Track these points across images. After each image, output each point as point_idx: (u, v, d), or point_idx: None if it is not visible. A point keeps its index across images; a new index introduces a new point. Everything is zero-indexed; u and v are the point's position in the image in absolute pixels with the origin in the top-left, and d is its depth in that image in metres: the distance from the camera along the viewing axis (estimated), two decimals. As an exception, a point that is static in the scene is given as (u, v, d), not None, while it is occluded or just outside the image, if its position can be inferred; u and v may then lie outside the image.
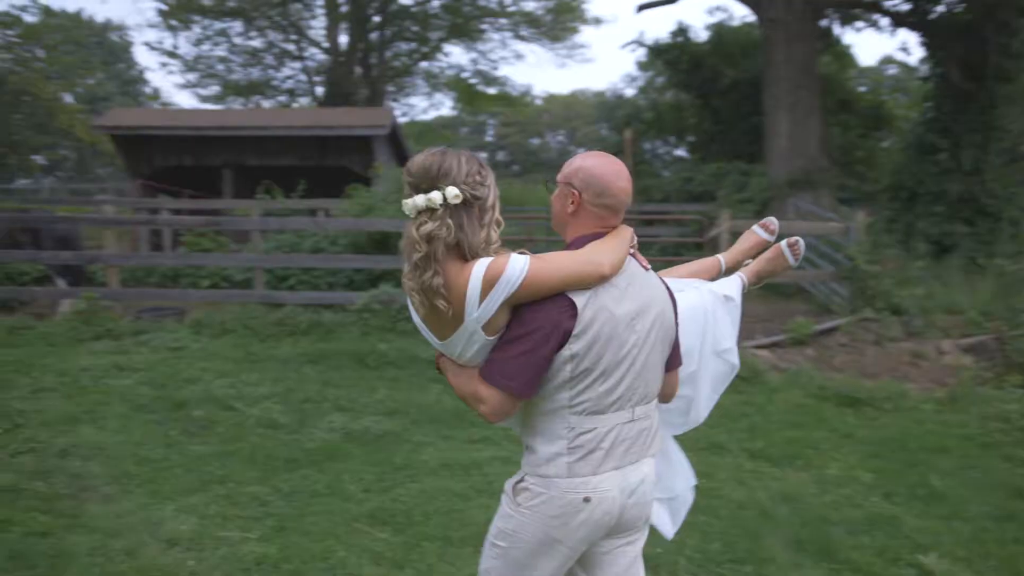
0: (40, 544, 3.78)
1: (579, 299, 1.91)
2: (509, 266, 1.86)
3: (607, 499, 1.98)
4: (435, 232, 1.88)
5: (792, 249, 2.75)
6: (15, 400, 6.48)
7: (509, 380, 1.89)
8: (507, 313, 1.92)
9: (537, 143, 59.88)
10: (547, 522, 1.97)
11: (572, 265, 1.91)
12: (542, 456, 1.99)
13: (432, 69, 34.06)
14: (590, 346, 1.92)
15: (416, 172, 1.94)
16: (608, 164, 2.07)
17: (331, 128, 16.34)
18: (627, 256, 2.03)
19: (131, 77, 55.71)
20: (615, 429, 1.99)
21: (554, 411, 1.97)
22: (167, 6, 26.88)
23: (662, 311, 2.08)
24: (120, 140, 16.84)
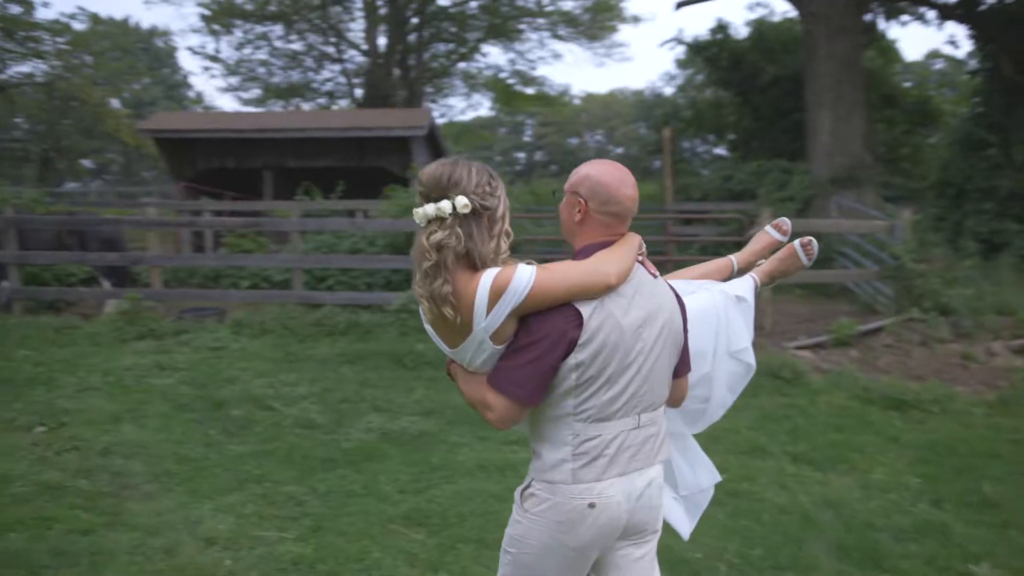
0: (82, 541, 3.83)
1: (585, 309, 1.92)
2: (516, 277, 1.88)
3: (612, 505, 1.99)
4: (444, 241, 1.90)
5: (805, 249, 2.73)
6: (61, 399, 6.60)
7: (516, 388, 1.91)
8: (515, 323, 1.93)
9: (575, 143, 59.70)
10: (553, 527, 1.98)
11: (578, 276, 1.93)
12: (547, 462, 2.00)
13: (470, 70, 34.14)
14: (596, 355, 1.93)
15: (427, 181, 1.96)
16: (614, 172, 2.08)
17: (369, 129, 16.45)
18: (634, 264, 2.03)
19: (176, 82, 56.78)
20: (620, 436, 2.00)
21: (559, 417, 1.98)
22: (210, 11, 27.32)
23: (670, 318, 2.08)
24: (164, 143, 17.14)
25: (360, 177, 17.77)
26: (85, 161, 43.35)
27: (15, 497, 4.45)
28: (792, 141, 17.44)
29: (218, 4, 27.14)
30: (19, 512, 4.18)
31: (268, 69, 30.64)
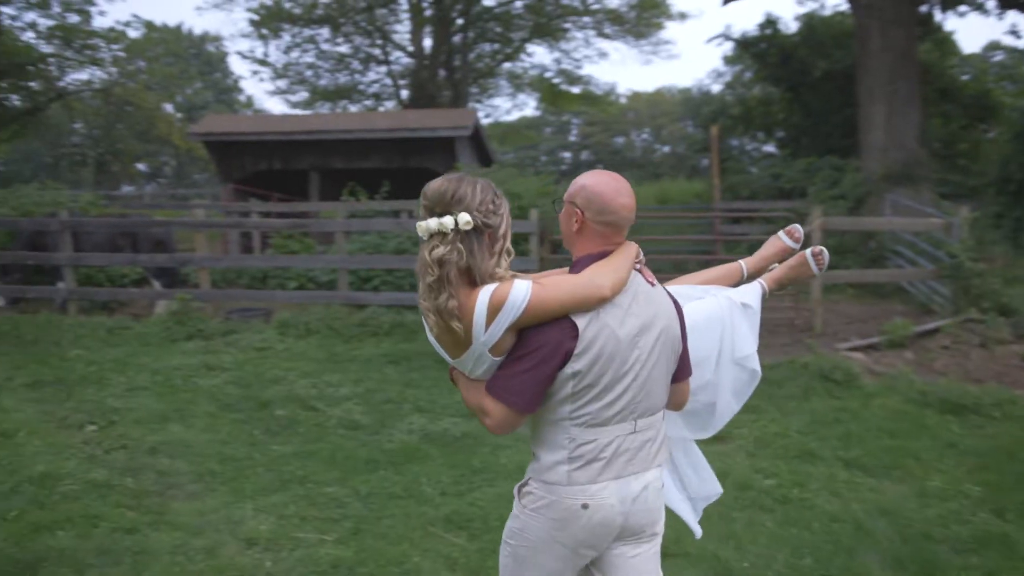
0: (126, 540, 3.87)
1: (580, 320, 1.96)
2: (512, 293, 1.91)
3: (605, 507, 2.03)
4: (446, 256, 1.93)
5: (816, 258, 2.72)
6: (111, 398, 6.71)
7: (513, 396, 1.95)
8: (513, 336, 1.97)
9: (622, 142, 59.33)
10: (549, 524, 2.04)
11: (573, 289, 1.96)
12: (544, 463, 2.05)
13: (515, 69, 34.12)
14: (592, 364, 1.97)
15: (431, 196, 2.00)
16: (609, 182, 2.10)
17: (414, 130, 16.51)
18: (630, 274, 2.07)
19: (226, 86, 57.92)
20: (616, 440, 2.04)
21: (556, 422, 2.03)
22: (258, 16, 27.75)
23: (667, 326, 2.12)
24: (213, 146, 17.42)
25: (406, 177, 17.85)
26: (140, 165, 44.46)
27: (64, 495, 4.51)
28: (844, 137, 17.04)
29: (266, 9, 27.55)
30: (68, 510, 4.24)
31: (315, 72, 31.01)
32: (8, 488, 4.58)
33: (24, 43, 20.88)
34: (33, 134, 24.63)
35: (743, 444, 5.69)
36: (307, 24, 28.15)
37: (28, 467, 4.92)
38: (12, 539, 3.83)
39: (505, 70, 33.78)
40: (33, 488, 4.57)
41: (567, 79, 33.19)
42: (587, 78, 33.58)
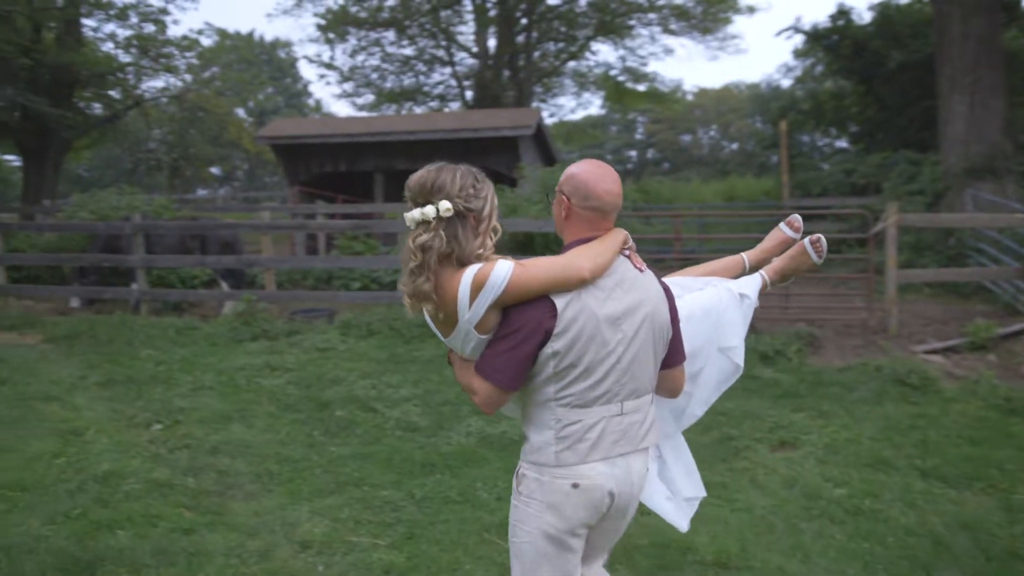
0: (182, 541, 3.89)
1: (560, 301, 2.03)
2: (494, 272, 2.00)
3: (596, 487, 2.09)
4: (428, 243, 2.03)
5: (815, 246, 2.74)
6: (177, 398, 6.84)
7: (496, 374, 2.03)
8: (497, 314, 2.05)
9: (688, 139, 58.52)
10: (543, 509, 2.10)
11: (552, 270, 2.03)
12: (534, 444, 2.14)
13: (580, 68, 33.87)
14: (571, 344, 2.03)
15: (413, 188, 2.11)
16: (594, 169, 2.18)
17: (477, 130, 16.50)
18: (613, 259, 2.12)
19: (296, 91, 59.22)
20: (602, 422, 2.09)
21: (543, 403, 2.10)
22: (325, 21, 28.19)
23: (653, 311, 2.16)
24: (280, 149, 17.73)
25: (469, 178, 17.86)
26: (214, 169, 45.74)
27: (127, 494, 4.58)
28: (921, 130, 16.37)
29: (333, 13, 27.97)
30: (129, 509, 4.30)
31: (381, 75, 31.36)
32: (75, 486, 4.67)
33: (105, 53, 21.64)
34: (112, 141, 25.53)
35: (812, 451, 5.45)
36: (372, 27, 28.49)
37: (95, 465, 5.02)
38: (74, 537, 3.89)
39: (570, 69, 33.58)
40: (98, 486, 4.65)
41: (632, 77, 32.81)
42: (653, 75, 33.12)
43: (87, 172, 41.91)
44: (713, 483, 4.85)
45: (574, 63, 32.92)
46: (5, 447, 5.44)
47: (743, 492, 4.75)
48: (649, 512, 4.45)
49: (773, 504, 4.55)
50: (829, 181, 16.41)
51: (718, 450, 5.56)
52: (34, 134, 19.15)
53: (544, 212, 11.00)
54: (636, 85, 33.27)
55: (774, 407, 6.46)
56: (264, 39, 57.81)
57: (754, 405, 6.50)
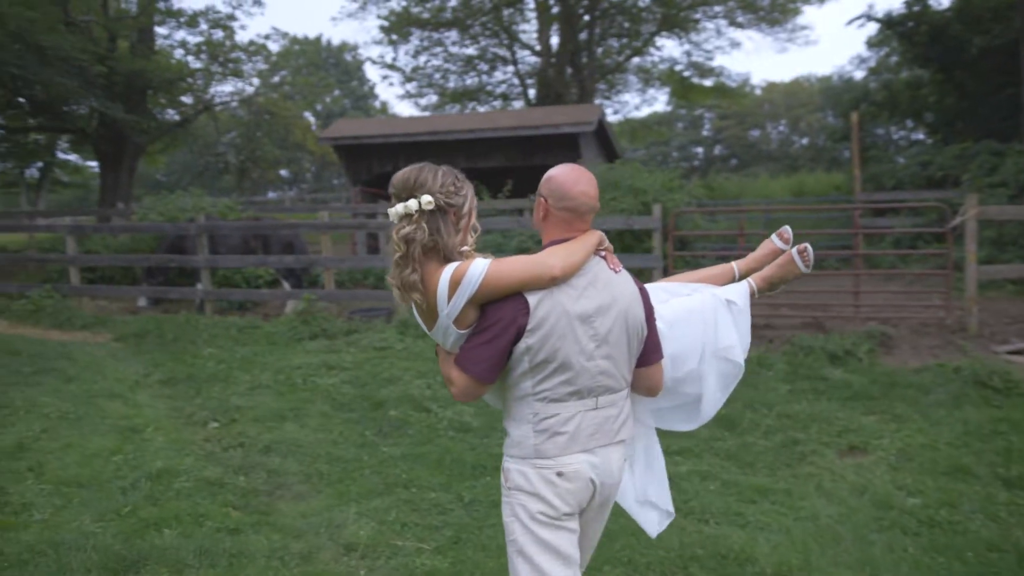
0: (226, 541, 3.85)
1: (533, 298, 2.11)
2: (470, 270, 2.09)
3: (579, 474, 2.17)
4: (411, 234, 2.14)
5: (802, 255, 2.80)
6: (234, 396, 6.89)
7: (473, 366, 2.12)
8: (475, 310, 2.14)
9: (757, 135, 57.30)
10: (531, 499, 2.16)
11: (525, 268, 2.11)
12: (514, 438, 2.22)
13: (644, 64, 33.37)
14: (544, 340, 2.11)
15: (397, 184, 2.21)
16: (570, 173, 2.26)
17: (537, 127, 16.34)
18: (586, 259, 2.20)
19: (363, 93, 60.12)
20: (578, 416, 2.17)
21: (521, 398, 2.18)
22: (388, 22, 28.42)
23: (627, 309, 2.23)
24: (342, 149, 17.90)
25: (530, 175, 17.72)
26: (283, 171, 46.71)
27: (178, 492, 4.59)
28: (1004, 120, 15.57)
29: (396, 15, 28.17)
30: (177, 507, 4.29)
31: (443, 75, 31.47)
32: (128, 483, 4.70)
33: (176, 60, 22.25)
34: (182, 145, 26.24)
35: (884, 456, 5.16)
36: (435, 27, 28.61)
37: (150, 463, 5.06)
38: (122, 535, 3.89)
39: (633, 65, 33.11)
40: (150, 484, 4.68)
41: (698, 72, 32.17)
42: (719, 70, 32.31)
43: (165, 177, 43.27)
44: (776, 490, 4.62)
45: (638, 59, 32.45)
46: (68, 443, 5.54)
47: (808, 500, 4.50)
48: (707, 520, 4.28)
49: (840, 513, 4.29)
50: (904, 174, 15.73)
51: (782, 455, 5.31)
52: (110, 140, 19.79)
53: (604, 209, 10.81)
54: (702, 80, 32.60)
55: (843, 410, 6.16)
56: (331, 43, 58.94)
57: (822, 407, 6.21)
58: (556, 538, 2.15)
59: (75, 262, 11.86)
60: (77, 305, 11.63)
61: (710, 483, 4.78)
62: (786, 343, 8.10)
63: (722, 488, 4.70)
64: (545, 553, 2.14)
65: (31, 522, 4.10)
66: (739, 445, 5.50)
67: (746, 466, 5.13)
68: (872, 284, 11.01)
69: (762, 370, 7.32)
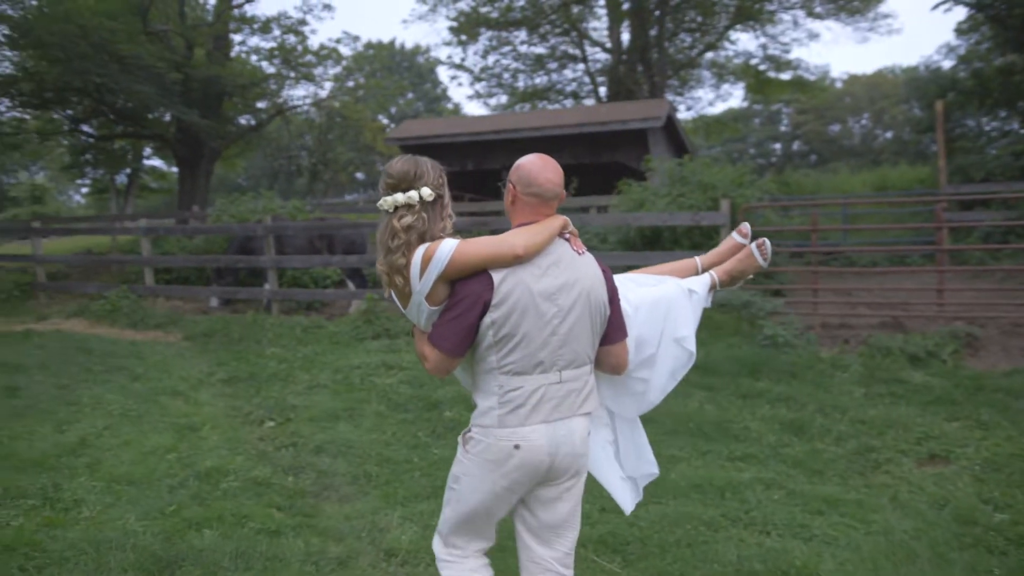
0: (264, 543, 3.77)
1: (497, 275, 2.23)
2: (439, 249, 2.22)
3: (535, 448, 2.27)
4: (413, 223, 2.27)
5: (760, 250, 2.89)
6: (292, 395, 6.89)
7: (443, 341, 2.25)
8: (446, 288, 2.26)
9: (837, 129, 55.52)
10: (486, 466, 2.30)
11: (489, 247, 2.23)
12: (481, 409, 2.33)
13: (718, 59, 32.59)
14: (508, 315, 2.23)
15: (397, 175, 2.31)
16: (536, 161, 2.41)
17: (604, 124, 16.06)
18: (549, 240, 2.32)
19: (435, 95, 60.70)
20: (542, 388, 2.27)
21: (488, 371, 2.30)
22: (457, 23, 28.50)
23: (589, 288, 2.34)
24: (409, 150, 17.94)
25: (597, 173, 17.48)
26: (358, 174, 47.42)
27: (225, 492, 4.56)
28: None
29: (464, 15, 28.22)
30: (221, 507, 4.25)
31: (512, 75, 31.38)
32: (177, 482, 4.70)
33: (250, 65, 22.77)
34: (256, 148, 26.87)
35: (967, 466, 4.78)
36: (504, 27, 28.54)
37: (201, 461, 5.06)
38: (163, 535, 3.86)
39: (707, 60, 32.37)
40: (198, 483, 4.66)
41: (774, 65, 31.19)
42: (796, 63, 31.24)
43: (245, 181, 44.49)
44: (846, 501, 4.31)
45: (711, 54, 31.70)
46: (127, 441, 5.60)
47: (881, 512, 4.17)
48: (768, 532, 4.00)
49: (917, 528, 3.95)
50: (995, 165, 14.86)
51: (855, 462, 4.98)
52: (187, 145, 20.37)
53: (672, 205, 10.49)
54: (779, 74, 31.58)
55: (923, 415, 5.76)
56: (404, 47, 59.68)
57: (900, 412, 5.82)
58: (493, 505, 2.36)
59: (149, 263, 12.17)
60: (151, 305, 11.93)
61: (774, 492, 4.49)
62: (862, 343, 7.68)
63: (787, 498, 4.41)
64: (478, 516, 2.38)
65: (79, 519, 4.12)
66: (808, 452, 5.18)
67: (814, 474, 4.81)
68: (958, 281, 10.39)
69: (836, 372, 6.94)
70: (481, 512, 2.39)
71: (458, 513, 2.41)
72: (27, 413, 6.44)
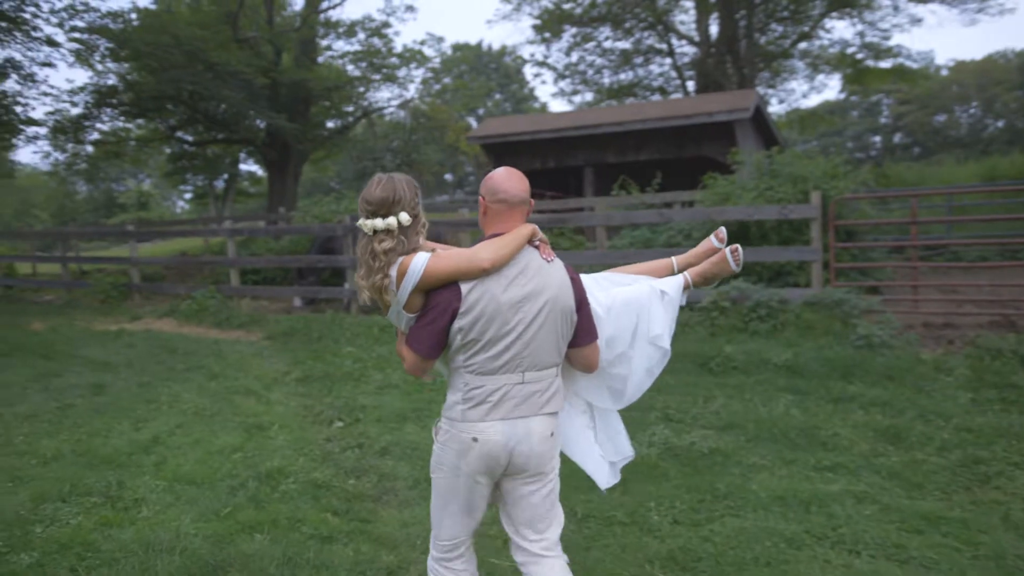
0: (313, 550, 3.63)
1: (465, 286, 2.36)
2: (413, 263, 2.35)
3: (491, 442, 2.39)
4: (392, 247, 2.38)
5: (733, 255, 2.92)
6: (363, 395, 6.81)
7: (418, 344, 2.39)
8: (421, 297, 2.40)
9: (943, 120, 52.83)
10: (452, 454, 2.44)
11: (458, 261, 2.35)
12: (448, 403, 2.47)
13: (812, 49, 31.29)
14: (474, 322, 2.36)
15: (375, 202, 2.41)
16: (502, 171, 2.55)
17: (689, 116, 15.51)
18: (516, 251, 2.42)
19: (523, 95, 60.73)
20: (504, 388, 2.39)
21: (456, 369, 2.44)
22: (541, 21, 28.28)
23: (555, 296, 2.45)
24: (490, 148, 17.84)
25: (682, 167, 16.96)
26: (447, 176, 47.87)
27: (283, 494, 4.46)
28: None
29: (548, 12, 27.98)
30: (277, 511, 4.15)
31: (597, 71, 30.94)
32: (237, 483, 4.63)
33: (336, 68, 23.15)
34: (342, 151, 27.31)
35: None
36: (587, 23, 28.16)
37: (264, 462, 4.99)
38: (214, 538, 3.77)
39: (800, 51, 31.12)
40: (257, 485, 4.58)
41: (873, 53, 29.69)
42: (897, 50, 29.65)
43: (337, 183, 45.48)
44: (949, 519, 3.88)
45: (805, 44, 30.44)
46: (197, 439, 5.61)
47: (991, 533, 3.72)
48: (858, 552, 3.62)
49: (1033, 553, 3.50)
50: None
51: (960, 475, 4.50)
52: (276, 149, 20.83)
53: (759, 198, 9.99)
54: (878, 62, 30.04)
55: (1040, 424, 5.21)
56: (491, 48, 59.96)
57: (1012, 421, 5.30)
58: (467, 488, 2.45)
59: (234, 264, 12.41)
60: (237, 305, 12.17)
61: (866, 507, 4.09)
62: (969, 344, 7.08)
63: (880, 513, 4.00)
64: (454, 498, 2.48)
65: (136, 519, 4.08)
66: (906, 462, 4.73)
67: (913, 488, 4.37)
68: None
69: (939, 375, 6.40)
70: (460, 499, 2.49)
71: (440, 500, 2.53)
72: (108, 410, 6.56)
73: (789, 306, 8.14)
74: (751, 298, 8.24)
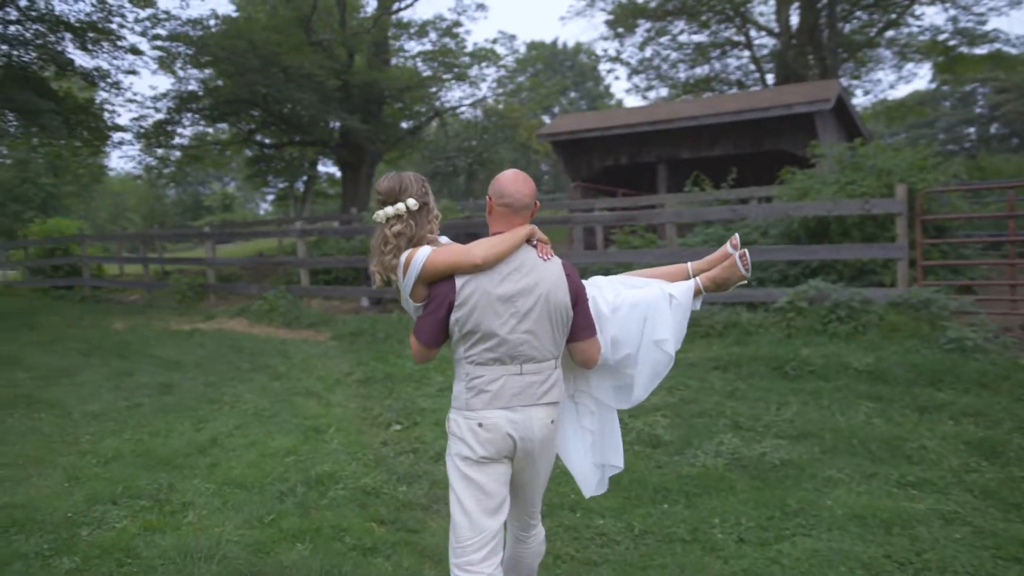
0: (351, 563, 3.48)
1: (460, 280, 2.49)
2: (415, 257, 2.49)
3: (496, 427, 2.49)
4: (403, 230, 2.53)
5: (742, 261, 2.92)
6: (422, 398, 6.69)
7: (421, 333, 2.53)
8: (424, 288, 2.53)
9: (1044, 107, 49.92)
10: (461, 442, 2.51)
11: (454, 256, 2.48)
12: (455, 392, 2.58)
13: (899, 36, 29.90)
14: (469, 315, 2.49)
15: (384, 192, 2.58)
16: (509, 174, 2.66)
17: (766, 109, 14.91)
18: (511, 250, 2.53)
19: (598, 93, 60.21)
20: (503, 378, 2.51)
21: (459, 360, 2.56)
22: (614, 16, 27.84)
23: (549, 292, 2.55)
24: (561, 146, 17.57)
25: (760, 162, 16.39)
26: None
27: (331, 501, 4.35)
28: None
29: (621, 7, 27.51)
30: (322, 518, 4.03)
31: (672, 65, 30.30)
32: (286, 488, 4.54)
33: (408, 69, 23.26)
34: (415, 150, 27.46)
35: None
36: (662, 17, 27.59)
37: (316, 466, 4.90)
38: (253, 547, 3.67)
39: (887, 39, 29.78)
40: (305, 490, 4.48)
41: (967, 39, 28.14)
42: (994, 35, 28.06)
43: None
44: None
45: (892, 31, 29.11)
46: (253, 441, 5.57)
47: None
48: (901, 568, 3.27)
49: None
50: None
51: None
52: (349, 149, 21.04)
53: (840, 193, 9.48)
54: (972, 49, 28.47)
55: None
56: (566, 46, 59.63)
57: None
58: (477, 474, 2.48)
59: (304, 265, 12.51)
60: (307, 305, 12.27)
61: (955, 529, 3.71)
62: (1075, 349, 6.51)
63: (972, 537, 3.62)
64: (466, 484, 2.49)
65: (181, 524, 4.02)
66: (1002, 479, 4.31)
67: (1011, 508, 3.96)
68: None
69: (1042, 381, 5.88)
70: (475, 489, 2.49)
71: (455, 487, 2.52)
72: (173, 410, 6.62)
73: (872, 307, 7.66)
74: (830, 298, 7.79)
